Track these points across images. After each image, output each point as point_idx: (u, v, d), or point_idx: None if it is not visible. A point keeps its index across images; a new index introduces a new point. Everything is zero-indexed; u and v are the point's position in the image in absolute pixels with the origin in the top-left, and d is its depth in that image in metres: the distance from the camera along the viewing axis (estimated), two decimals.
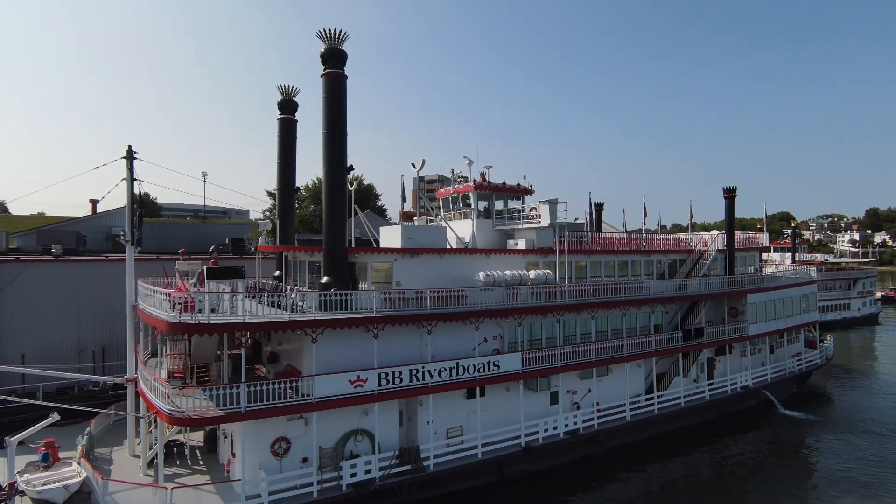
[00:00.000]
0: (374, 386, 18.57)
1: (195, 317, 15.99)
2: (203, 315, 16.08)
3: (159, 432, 17.20)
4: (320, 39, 20.58)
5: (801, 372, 33.90)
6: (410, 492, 19.08)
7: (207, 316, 16.13)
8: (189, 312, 15.94)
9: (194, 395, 16.53)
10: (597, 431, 23.92)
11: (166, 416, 15.90)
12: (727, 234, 31.85)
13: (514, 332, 22.97)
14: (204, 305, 15.92)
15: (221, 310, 16.98)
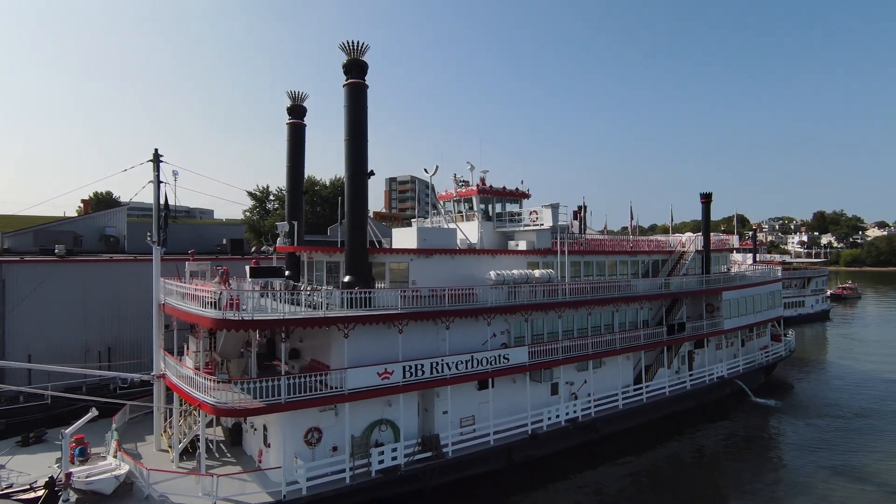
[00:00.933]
0: (400, 378, 19.84)
1: (240, 314, 16.91)
2: (247, 312, 17.02)
3: (201, 425, 17.97)
4: (342, 51, 21.69)
5: (768, 363, 36.88)
6: (432, 477, 20.42)
7: (252, 313, 17.09)
8: (234, 310, 16.84)
9: (234, 389, 17.46)
10: (593, 419, 25.81)
11: (211, 408, 16.79)
12: (704, 237, 34.43)
13: (520, 327, 24.60)
14: (248, 303, 16.84)
15: (259, 307, 17.92)
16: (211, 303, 17.20)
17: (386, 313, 19.63)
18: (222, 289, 17.07)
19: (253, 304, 17.38)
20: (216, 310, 17.01)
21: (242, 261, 33.11)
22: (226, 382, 17.42)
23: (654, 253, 33.17)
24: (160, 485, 17.22)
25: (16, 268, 26.24)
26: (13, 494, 15.82)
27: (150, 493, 16.81)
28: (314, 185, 65.95)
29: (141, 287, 29.24)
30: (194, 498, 16.67)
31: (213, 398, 16.86)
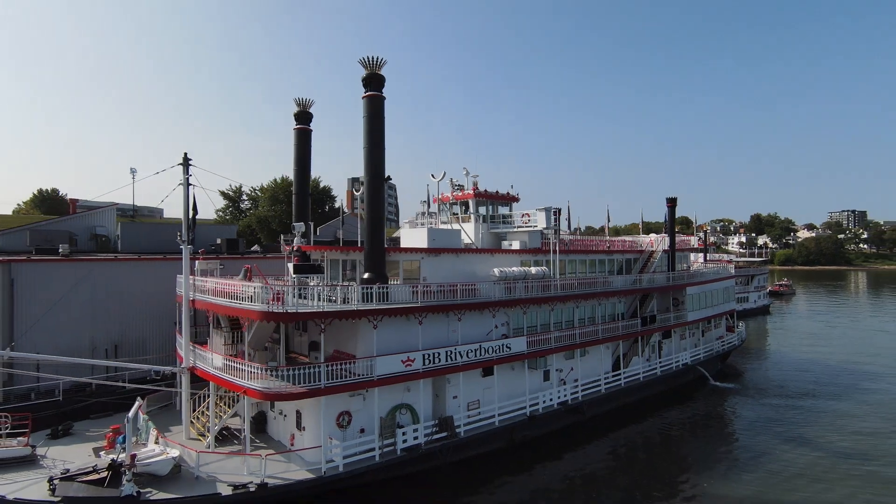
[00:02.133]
0: (420, 365, 21.88)
1: (284, 307, 18.52)
2: (291, 305, 18.65)
3: (246, 410, 19.39)
4: (362, 66, 23.47)
5: (724, 351, 41.04)
6: (447, 454, 22.56)
7: (295, 306, 18.72)
8: (279, 303, 18.43)
9: (269, 376, 19.03)
10: (581, 402, 28.61)
11: (260, 394, 18.34)
12: (670, 238, 38.06)
13: (518, 319, 27.08)
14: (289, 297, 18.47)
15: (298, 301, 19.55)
16: (260, 297, 18.68)
17: (410, 306, 21.64)
18: (268, 284, 18.60)
19: (293, 298, 18.99)
20: (263, 303, 18.55)
21: (241, 259, 34.10)
22: (275, 370, 18.91)
23: (628, 252, 36.49)
24: (206, 467, 18.58)
25: (25, 267, 26.45)
26: (77, 477, 16.85)
27: (200, 475, 18.17)
28: (290, 185, 66.46)
29: (146, 285, 29.97)
30: (241, 476, 18.13)
31: (262, 385, 18.40)
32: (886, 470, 23.51)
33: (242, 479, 17.89)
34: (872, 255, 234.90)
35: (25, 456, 18.79)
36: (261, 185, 68.61)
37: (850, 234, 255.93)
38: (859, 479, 22.55)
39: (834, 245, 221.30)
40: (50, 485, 16.62)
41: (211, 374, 20.73)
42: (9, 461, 18.40)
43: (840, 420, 30.22)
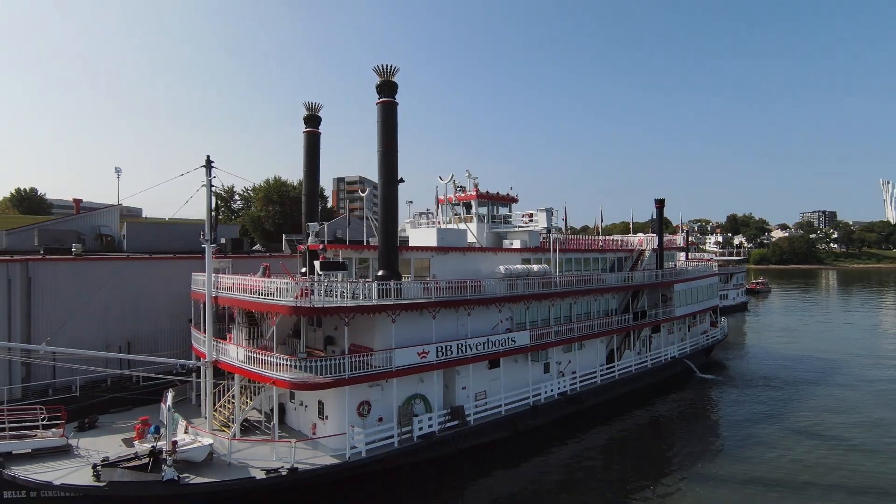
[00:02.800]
0: (434, 358, 23.18)
1: (312, 301, 19.65)
2: (318, 300, 19.79)
3: (275, 399, 20.45)
4: (376, 73, 24.66)
5: (708, 345, 43.17)
6: (458, 442, 23.89)
7: (322, 301, 19.86)
8: (307, 298, 19.55)
9: (300, 367, 20.14)
10: (579, 393, 30.20)
11: (288, 383, 19.45)
12: (658, 237, 39.99)
13: (522, 314, 28.55)
14: (319, 292, 19.60)
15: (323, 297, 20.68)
16: (289, 293, 19.77)
17: (426, 302, 22.93)
18: (297, 281, 19.70)
19: (320, 294, 20.14)
20: (291, 299, 19.65)
21: (248, 259, 34.96)
22: (304, 361, 20.00)
23: (619, 251, 38.30)
24: (237, 454, 19.61)
25: (41, 265, 26.98)
26: (119, 464, 17.74)
27: (232, 461, 19.19)
28: (282, 185, 67.05)
29: (157, 284, 30.67)
30: (271, 462, 19.21)
31: (291, 375, 19.50)
32: (862, 448, 25.59)
33: (273, 465, 18.97)
34: (842, 255, 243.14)
35: (62, 446, 19.56)
36: (253, 185, 69.03)
37: (821, 234, 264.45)
38: (838, 458, 24.56)
39: (806, 245, 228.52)
40: (94, 471, 17.48)
41: (237, 367, 21.72)
42: (47, 451, 19.17)
43: (817, 406, 32.42)
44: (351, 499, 20.37)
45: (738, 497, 20.81)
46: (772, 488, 21.53)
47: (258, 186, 67.30)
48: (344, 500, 20.34)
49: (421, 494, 21.23)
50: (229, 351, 23.07)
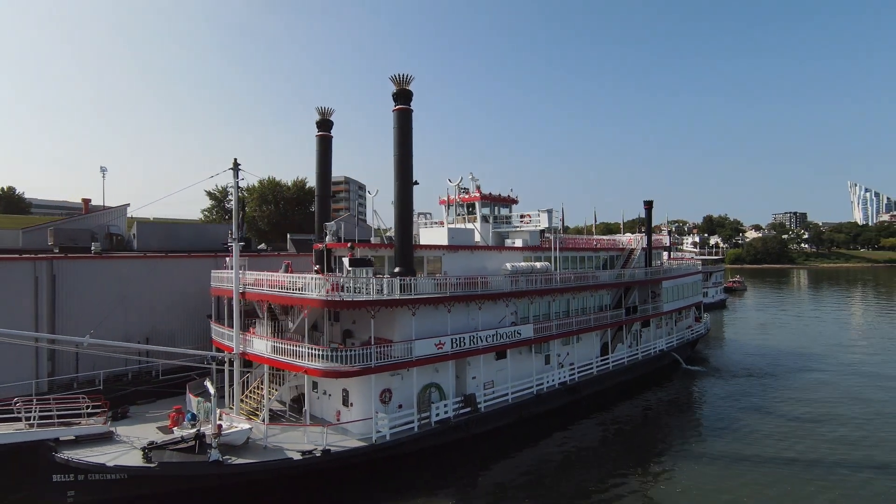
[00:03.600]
0: (449, 349, 24.85)
1: (341, 295, 21.14)
2: (348, 294, 21.29)
3: (308, 388, 21.86)
4: (392, 82, 26.19)
5: (693, 339, 45.67)
6: (471, 427, 25.58)
7: (351, 295, 21.37)
8: (336, 292, 21.03)
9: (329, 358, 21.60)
10: (577, 383, 32.16)
11: (321, 372, 20.92)
12: (647, 237, 42.28)
13: (525, 308, 30.37)
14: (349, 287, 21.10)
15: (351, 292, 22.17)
16: (320, 288, 21.22)
17: (441, 296, 24.59)
18: (326, 277, 21.16)
19: (349, 289, 21.65)
20: (323, 293, 21.12)
21: (258, 257, 36.14)
22: (335, 352, 21.46)
23: (611, 250, 40.46)
24: (277, 436, 21.04)
25: (65, 264, 27.86)
26: (167, 446, 18.99)
27: (268, 445, 20.58)
28: (277, 185, 67.93)
29: (172, 281, 31.72)
30: (303, 445, 20.65)
31: (323, 365, 20.97)
32: (836, 429, 28.07)
33: (306, 447, 20.42)
34: (813, 255, 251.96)
35: (104, 433, 20.69)
36: (247, 185, 69.68)
37: (793, 234, 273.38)
38: (814, 439, 26.92)
39: (779, 245, 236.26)
40: (144, 453, 18.71)
41: (266, 358, 23.08)
42: (93, 437, 20.28)
43: (793, 393, 35.02)
44: (374, 482, 21.83)
45: (726, 472, 22.91)
46: (757, 464, 23.72)
47: (252, 187, 68.02)
48: (368, 483, 21.81)
49: (437, 476, 22.81)
50: (255, 343, 24.41)
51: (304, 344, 21.85)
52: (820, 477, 22.47)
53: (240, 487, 19.39)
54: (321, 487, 20.44)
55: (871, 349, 50.59)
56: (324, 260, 29.76)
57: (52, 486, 18.91)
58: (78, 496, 18.95)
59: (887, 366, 43.01)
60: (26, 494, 19.70)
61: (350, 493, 20.65)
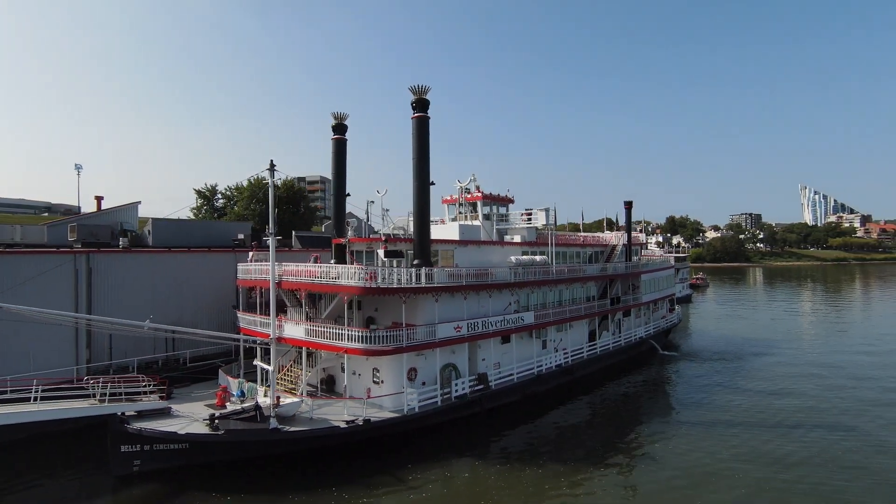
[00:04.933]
0: (465, 332, 27.78)
1: (377, 283, 23.82)
2: (384, 282, 23.98)
3: (347, 367, 24.36)
4: (411, 92, 28.91)
5: (667, 327, 49.96)
6: (483, 402, 28.56)
7: (388, 283, 24.06)
8: (372, 281, 23.71)
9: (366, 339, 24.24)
10: (571, 365, 35.58)
11: (361, 351, 23.54)
12: (627, 234, 46.22)
13: (526, 298, 33.58)
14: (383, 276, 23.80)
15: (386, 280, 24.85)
16: (359, 276, 23.85)
17: (458, 285, 27.49)
18: (363, 267, 23.81)
19: (382, 277, 24.35)
20: (361, 281, 23.76)
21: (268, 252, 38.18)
22: (374, 332, 24.07)
23: (596, 246, 44.19)
24: (321, 409, 23.56)
25: (100, 257, 29.51)
26: (231, 416, 21.27)
27: (313, 416, 23.08)
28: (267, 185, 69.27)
29: (195, 274, 33.66)
30: (344, 416, 23.22)
31: (362, 345, 23.60)
32: (791, 401, 32.32)
33: (348, 418, 23.00)
34: (767, 254, 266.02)
35: (163, 408, 22.76)
36: (236, 184, 70.81)
37: (749, 234, 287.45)
38: (774, 408, 31.02)
39: (736, 245, 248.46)
40: (211, 422, 20.95)
41: (303, 341, 25.53)
42: (154, 412, 22.34)
43: (754, 372, 39.45)
44: (404, 450, 24.43)
45: (702, 435, 26.57)
46: (728, 428, 27.52)
47: (244, 185, 69.12)
48: (399, 451, 24.38)
49: (456, 444, 25.57)
50: (288, 328, 26.79)
51: (345, 327, 24.41)
52: (780, 436, 26.43)
53: (290, 456, 21.79)
54: (359, 456, 22.96)
55: (819, 337, 56.43)
56: (344, 253, 32.37)
57: (121, 456, 20.97)
58: (143, 465, 21.09)
59: (833, 350, 48.37)
60: (97, 464, 21.67)
61: (385, 459, 23.18)
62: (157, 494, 20.26)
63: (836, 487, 21.01)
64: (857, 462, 23.26)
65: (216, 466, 21.30)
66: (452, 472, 22.30)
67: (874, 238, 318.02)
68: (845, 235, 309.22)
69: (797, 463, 23.23)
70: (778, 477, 21.81)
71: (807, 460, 23.50)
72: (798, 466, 22.87)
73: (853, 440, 25.71)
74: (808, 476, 21.96)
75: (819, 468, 22.70)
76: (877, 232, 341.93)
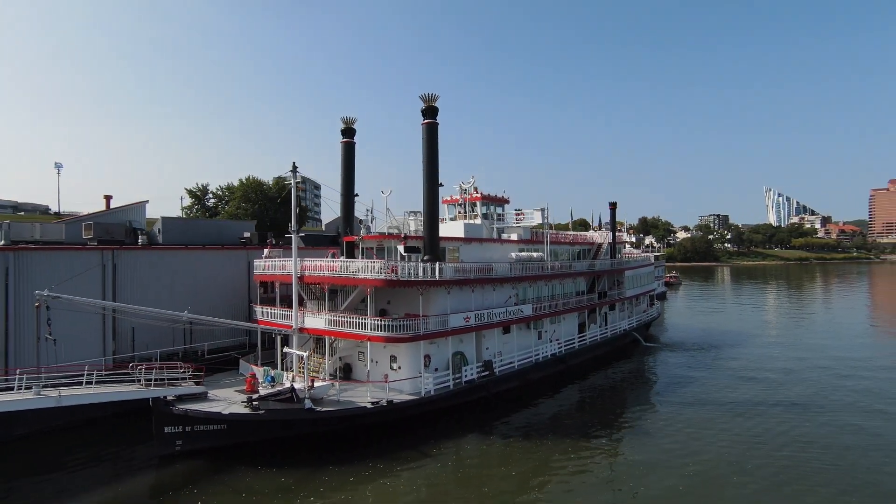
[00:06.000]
0: (473, 322, 30.14)
1: (398, 276, 25.99)
2: (404, 275, 26.16)
3: (368, 352, 26.42)
4: (422, 100, 31.13)
5: (648, 321, 53.27)
6: (489, 387, 30.95)
7: (407, 276, 26.23)
8: (394, 274, 25.87)
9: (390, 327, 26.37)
10: (564, 355, 38.28)
11: (383, 338, 25.66)
12: (612, 234, 49.30)
13: (524, 291, 36.14)
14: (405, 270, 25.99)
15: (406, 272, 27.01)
16: (381, 271, 25.97)
17: (468, 279, 29.83)
18: (384, 262, 25.95)
19: (404, 271, 26.54)
20: (383, 274, 25.90)
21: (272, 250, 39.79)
22: (395, 320, 26.19)
23: (584, 244, 47.12)
24: (348, 392, 25.62)
25: (124, 253, 30.87)
26: (269, 398, 23.14)
27: (340, 398, 25.11)
28: (261, 185, 70.34)
29: (212, 270, 35.22)
30: (368, 398, 25.30)
31: (385, 333, 25.72)
32: (760, 382, 35.75)
33: (373, 399, 25.10)
34: (735, 253, 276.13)
35: (201, 393, 24.46)
36: (227, 184, 71.61)
37: (717, 235, 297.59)
38: (746, 388, 34.36)
39: (705, 245, 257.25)
40: (250, 404, 22.80)
41: (325, 330, 27.51)
42: (193, 396, 24.02)
43: (727, 360, 43.06)
44: (420, 431, 26.43)
45: (684, 412, 29.56)
46: (705, 405, 30.67)
47: (236, 185, 69.96)
48: (414, 433, 26.29)
49: (466, 426, 27.82)
50: (307, 319, 28.72)
51: (368, 317, 26.50)
52: (749, 410, 29.93)
53: (316, 436, 23.73)
54: (380, 436, 24.97)
55: (783, 328, 61.11)
56: (353, 250, 34.38)
57: (164, 436, 22.67)
58: (184, 445, 22.81)
59: (796, 340, 52.65)
60: (144, 445, 23.32)
61: (403, 439, 25.22)
62: (199, 471, 21.95)
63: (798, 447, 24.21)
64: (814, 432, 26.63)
65: (250, 446, 23.08)
66: (463, 448, 24.56)
67: (834, 238, 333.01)
68: (807, 236, 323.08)
69: (763, 433, 26.54)
70: (749, 443, 24.93)
71: (770, 429, 26.95)
72: (764, 434, 26.31)
73: (811, 416, 29.15)
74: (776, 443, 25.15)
75: (780, 436, 26.12)
76: (836, 233, 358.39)
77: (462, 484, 21.24)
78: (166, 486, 20.96)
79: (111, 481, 21.25)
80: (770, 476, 21.61)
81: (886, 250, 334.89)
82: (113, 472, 22.24)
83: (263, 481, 20.76)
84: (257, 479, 21.04)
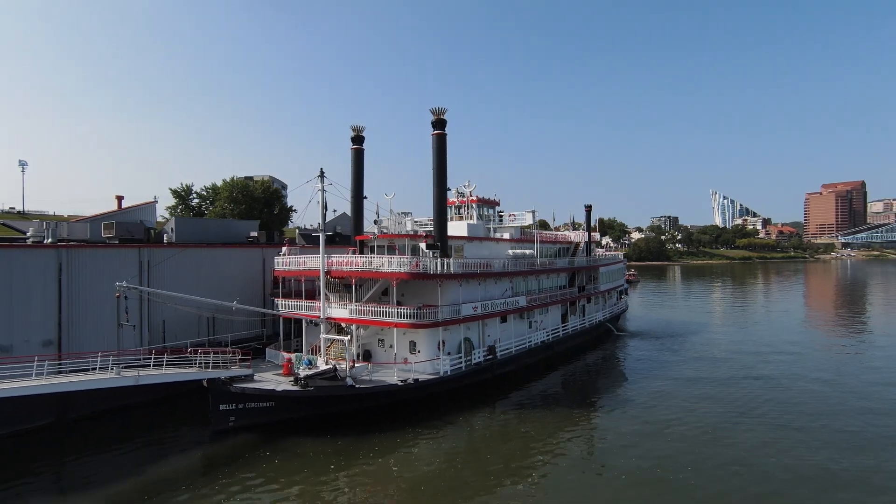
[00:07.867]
0: (480, 311, 33.99)
1: (421, 270, 29.54)
2: (428, 269, 29.72)
3: (396, 340, 29.76)
4: (432, 113, 34.72)
5: (619, 313, 58.59)
6: (493, 369, 34.85)
7: (430, 270, 29.79)
8: (417, 268, 29.39)
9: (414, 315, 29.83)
10: (552, 342, 42.66)
11: (409, 325, 29.13)
12: (587, 234, 54.26)
13: (518, 285, 40.26)
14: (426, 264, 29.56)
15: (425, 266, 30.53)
16: (405, 265, 29.44)
17: (475, 273, 33.65)
18: (409, 257, 29.44)
19: (424, 265, 30.09)
20: (408, 268, 29.38)
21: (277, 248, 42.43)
22: (418, 308, 29.65)
23: (564, 243, 51.83)
24: (378, 373, 28.89)
25: (153, 251, 32.98)
26: (314, 377, 26.17)
27: (371, 377, 28.43)
28: (246, 185, 71.89)
29: (230, 266, 37.60)
30: (396, 378, 28.71)
31: (410, 320, 29.20)
32: (720, 363, 41.25)
33: (401, 378, 28.52)
34: (685, 253, 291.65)
35: (249, 375, 27.22)
36: (213, 184, 72.71)
37: (668, 236, 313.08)
38: (707, 368, 39.69)
39: (658, 245, 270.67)
40: (297, 382, 25.81)
41: (352, 319, 30.73)
42: (243, 377, 26.77)
43: (689, 345, 48.63)
44: (433, 409, 29.79)
45: (657, 390, 34.29)
46: (676, 383, 35.59)
47: (221, 185, 71.23)
48: (428, 411, 29.65)
49: (476, 404, 31.53)
50: (333, 310, 31.85)
51: (393, 306, 29.90)
52: (713, 387, 34.85)
53: (354, 413, 26.94)
54: (407, 412, 28.36)
55: (730, 319, 68.48)
56: (364, 248, 37.54)
57: (219, 413, 25.42)
58: (237, 421, 25.63)
59: (741, 328, 59.37)
60: (200, 421, 25.94)
61: (426, 411, 28.67)
62: (253, 444, 24.70)
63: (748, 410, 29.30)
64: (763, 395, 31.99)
65: (292, 422, 26.03)
66: (473, 421, 28.24)
67: (773, 239, 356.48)
68: (750, 237, 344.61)
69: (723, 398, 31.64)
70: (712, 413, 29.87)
71: (727, 396, 32.32)
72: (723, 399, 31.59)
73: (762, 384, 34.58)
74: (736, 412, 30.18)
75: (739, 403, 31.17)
76: (776, 234, 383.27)
77: (472, 452, 24.59)
78: (239, 450, 23.66)
79: (169, 455, 23.56)
80: (725, 430, 26.51)
81: (820, 250, 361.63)
82: (178, 448, 24.71)
83: (319, 446, 23.85)
84: (312, 446, 24.12)
